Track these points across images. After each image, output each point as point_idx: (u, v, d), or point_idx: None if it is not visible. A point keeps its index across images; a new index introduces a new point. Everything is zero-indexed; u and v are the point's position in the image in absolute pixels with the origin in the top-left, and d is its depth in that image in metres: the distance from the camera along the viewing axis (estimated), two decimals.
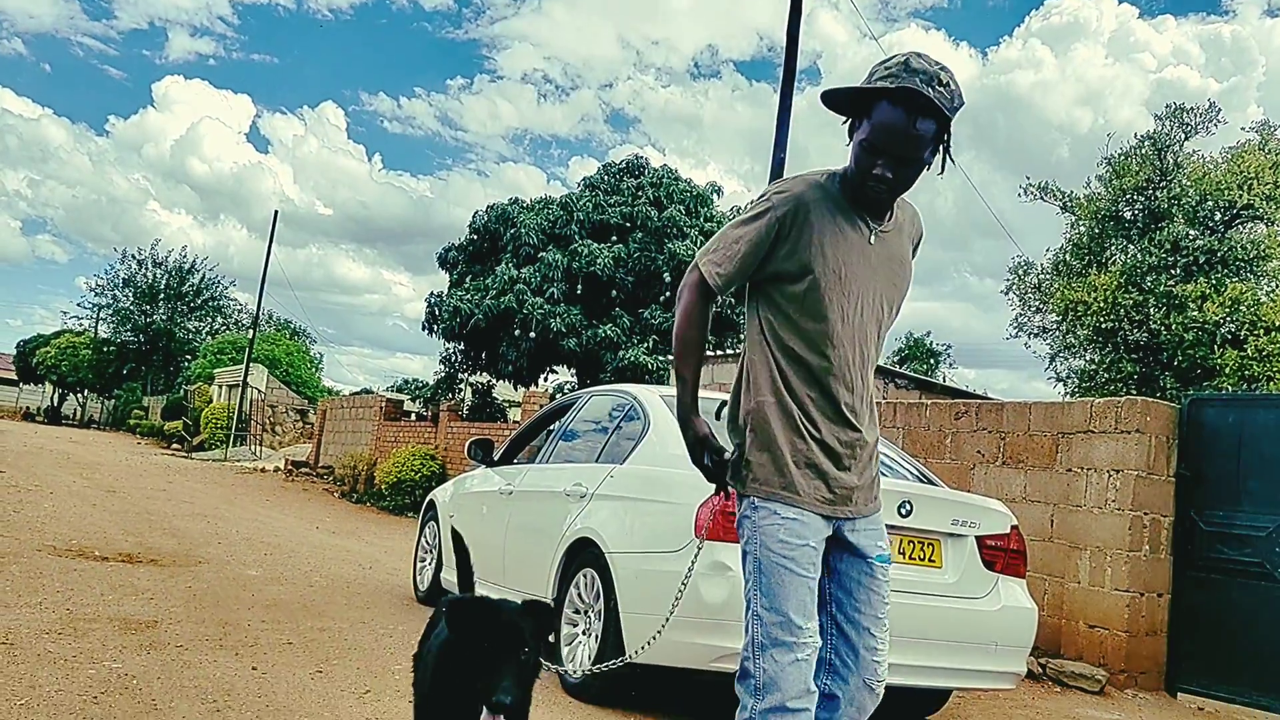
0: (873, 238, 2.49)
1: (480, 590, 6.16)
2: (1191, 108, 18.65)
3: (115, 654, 4.43)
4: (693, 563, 3.07)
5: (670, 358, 13.52)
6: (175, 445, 33.72)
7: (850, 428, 2.48)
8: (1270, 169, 17.27)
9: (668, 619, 3.25)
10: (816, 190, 2.46)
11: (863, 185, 2.42)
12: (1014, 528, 4.88)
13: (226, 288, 53.60)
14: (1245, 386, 14.22)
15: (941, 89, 2.30)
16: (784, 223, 2.43)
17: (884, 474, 4.83)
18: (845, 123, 2.45)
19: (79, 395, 60.48)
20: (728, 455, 2.52)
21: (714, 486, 2.56)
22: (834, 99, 2.43)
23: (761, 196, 2.53)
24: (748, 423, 2.49)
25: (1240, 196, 17.16)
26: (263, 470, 23.89)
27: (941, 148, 2.41)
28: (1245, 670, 6.70)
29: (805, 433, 2.44)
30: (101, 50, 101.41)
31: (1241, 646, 6.74)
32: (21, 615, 4.95)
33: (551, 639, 5.11)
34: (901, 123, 2.29)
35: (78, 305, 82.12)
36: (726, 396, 2.67)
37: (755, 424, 2.47)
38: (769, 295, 2.52)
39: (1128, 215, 18.77)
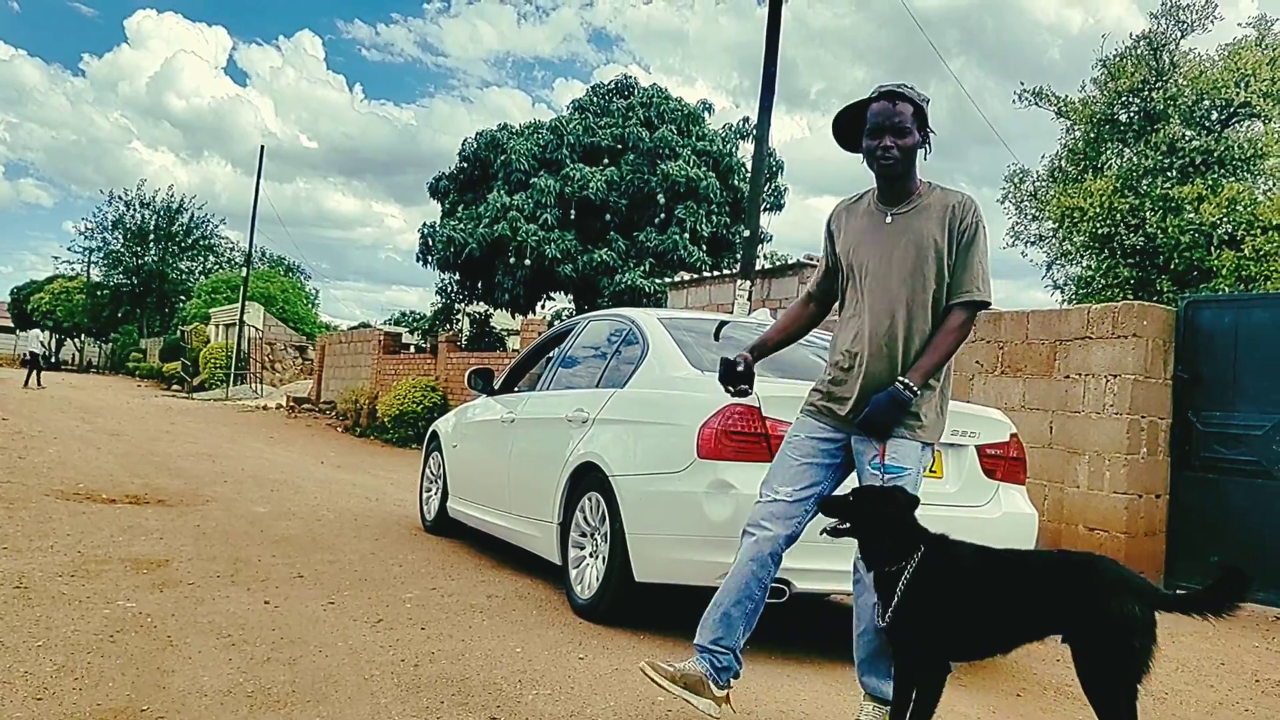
0: (888, 218, 3.20)
1: (483, 516, 6.24)
2: (1187, 4, 18.23)
3: (128, 593, 4.49)
4: None
5: (665, 280, 13.57)
6: (175, 386, 33.77)
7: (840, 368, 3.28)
8: (1268, 65, 16.95)
9: None
10: (846, 202, 3.38)
11: (876, 162, 3.15)
12: (1013, 436, 4.90)
13: (216, 226, 53.30)
14: (1242, 287, 14.19)
15: (907, 89, 3.15)
16: (830, 229, 3.41)
17: None
18: (863, 161, 3.23)
19: (76, 340, 60.44)
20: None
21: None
22: (840, 127, 3.30)
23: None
24: None
25: (1237, 94, 16.91)
26: (264, 408, 23.98)
27: (925, 131, 3.16)
28: (1243, 566, 6.79)
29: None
30: None
31: (1239, 543, 6.84)
32: (34, 559, 5.01)
33: (559, 562, 5.19)
34: (886, 108, 3.13)
35: (68, 249, 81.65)
36: (722, 316, 3.08)
37: None
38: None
39: (1123, 118, 18.52)
